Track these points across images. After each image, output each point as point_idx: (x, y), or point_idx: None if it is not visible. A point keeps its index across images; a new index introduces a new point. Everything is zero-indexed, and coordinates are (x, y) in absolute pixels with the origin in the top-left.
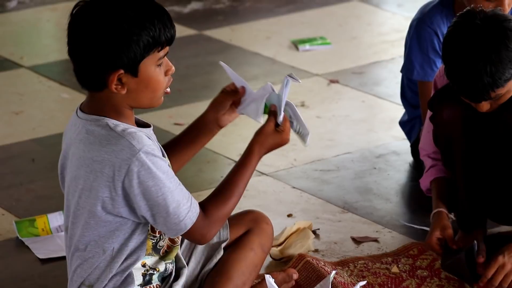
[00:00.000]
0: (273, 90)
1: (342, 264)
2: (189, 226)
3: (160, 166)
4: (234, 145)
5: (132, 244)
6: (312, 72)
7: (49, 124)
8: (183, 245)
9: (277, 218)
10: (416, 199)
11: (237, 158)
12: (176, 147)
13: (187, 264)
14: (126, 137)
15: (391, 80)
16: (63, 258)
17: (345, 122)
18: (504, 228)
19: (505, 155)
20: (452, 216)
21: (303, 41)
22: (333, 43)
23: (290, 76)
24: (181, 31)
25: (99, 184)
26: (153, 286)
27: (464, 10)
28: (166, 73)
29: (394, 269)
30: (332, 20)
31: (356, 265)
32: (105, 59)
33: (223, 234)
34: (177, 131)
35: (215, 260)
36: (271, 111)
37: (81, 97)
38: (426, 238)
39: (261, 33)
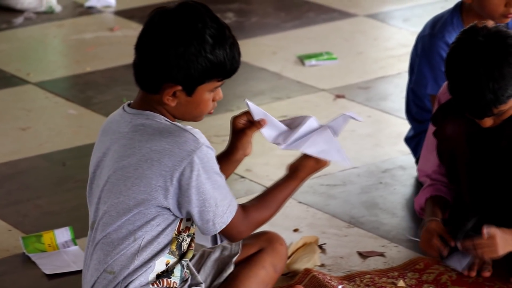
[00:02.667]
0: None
1: (348, 278)
2: (230, 218)
3: (215, 160)
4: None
5: (162, 238)
6: (318, 87)
7: (56, 140)
8: (193, 260)
9: (283, 233)
10: None
11: (244, 174)
12: None
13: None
14: (190, 131)
15: (397, 95)
16: (70, 273)
17: (351, 137)
18: None
19: (509, 168)
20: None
21: (309, 56)
22: (339, 58)
23: (350, 116)
24: None
25: (154, 172)
26: (171, 281)
27: (468, 26)
28: (213, 99)
29: (401, 283)
30: (338, 35)
31: (362, 279)
32: (170, 72)
33: (234, 248)
34: None
35: (225, 274)
36: None
37: (87, 113)
38: (420, 241)
39: (267, 49)
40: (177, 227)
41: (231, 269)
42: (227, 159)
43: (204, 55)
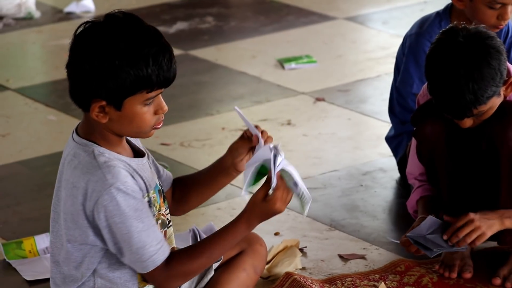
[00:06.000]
0: (274, 153)
1: (329, 281)
2: (150, 268)
3: (131, 204)
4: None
5: (118, 274)
6: (298, 90)
7: (35, 146)
8: None
9: (264, 237)
10: (403, 216)
11: None
12: (197, 185)
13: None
14: (103, 169)
15: (377, 97)
16: None
17: (332, 140)
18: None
19: (487, 170)
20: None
21: (289, 60)
22: (319, 61)
23: (275, 148)
24: None
25: (76, 209)
26: None
27: (447, 27)
28: (156, 112)
29: (382, 286)
30: (317, 38)
31: (343, 282)
32: (89, 86)
33: None
34: (164, 151)
35: (205, 279)
36: (268, 177)
37: (67, 119)
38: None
39: (246, 52)
40: None
41: (211, 274)
42: (218, 162)
43: (120, 67)
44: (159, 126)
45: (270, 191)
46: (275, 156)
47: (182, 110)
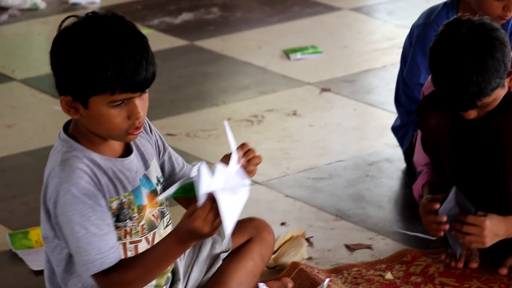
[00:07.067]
0: (199, 173)
1: (336, 271)
2: (85, 275)
3: (77, 208)
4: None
5: None
6: (303, 80)
7: (41, 137)
8: (185, 255)
9: None
10: (409, 206)
11: None
12: None
13: (190, 273)
14: (60, 166)
15: (383, 88)
16: None
17: (337, 130)
18: None
19: (492, 161)
20: None
21: (295, 50)
22: (325, 52)
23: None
24: (172, 42)
25: (41, 202)
26: None
27: (451, 19)
28: (129, 117)
29: (388, 275)
30: (323, 29)
31: (350, 272)
32: (57, 80)
33: (225, 244)
34: (170, 141)
35: (213, 269)
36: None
37: None
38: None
39: (252, 43)
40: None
41: (219, 263)
42: None
43: (81, 66)
44: (136, 132)
45: (198, 206)
46: (201, 177)
47: (188, 100)
